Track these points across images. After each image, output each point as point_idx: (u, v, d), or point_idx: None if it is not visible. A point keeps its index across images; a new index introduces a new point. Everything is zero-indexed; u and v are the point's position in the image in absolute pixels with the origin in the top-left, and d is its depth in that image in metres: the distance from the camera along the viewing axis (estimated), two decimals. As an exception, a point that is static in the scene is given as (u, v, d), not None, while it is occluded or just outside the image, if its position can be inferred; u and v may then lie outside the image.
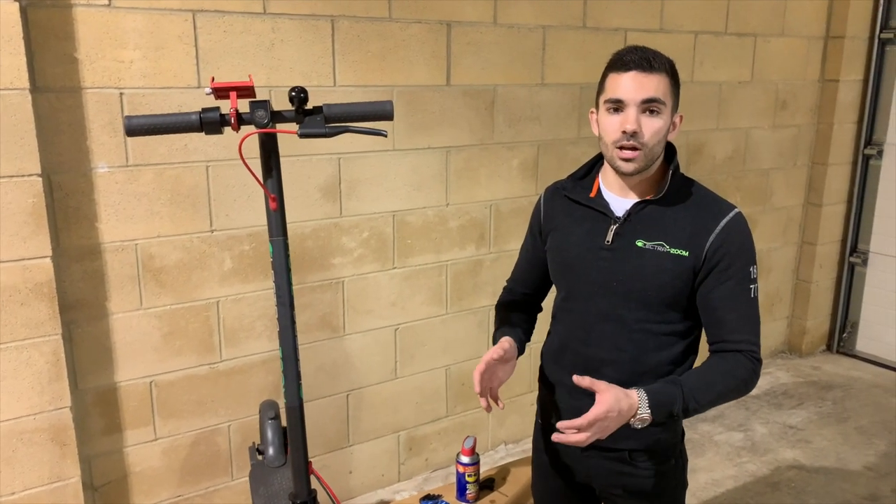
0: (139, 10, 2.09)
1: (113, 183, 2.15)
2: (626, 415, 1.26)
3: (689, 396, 1.31)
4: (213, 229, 2.32)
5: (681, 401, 1.30)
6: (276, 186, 1.31)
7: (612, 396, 1.24)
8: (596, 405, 1.24)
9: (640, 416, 1.27)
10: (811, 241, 4.14)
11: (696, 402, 1.32)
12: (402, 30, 2.54)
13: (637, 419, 1.27)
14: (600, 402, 1.24)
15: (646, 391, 1.29)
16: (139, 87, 2.13)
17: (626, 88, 1.33)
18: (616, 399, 1.24)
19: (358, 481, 2.82)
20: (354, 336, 2.68)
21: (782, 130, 3.87)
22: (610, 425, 1.25)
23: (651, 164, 1.38)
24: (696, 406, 1.32)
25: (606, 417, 1.23)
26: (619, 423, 1.27)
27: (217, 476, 2.49)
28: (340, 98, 2.47)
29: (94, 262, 2.16)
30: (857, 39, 3.88)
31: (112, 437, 2.28)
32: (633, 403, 1.26)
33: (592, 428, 1.23)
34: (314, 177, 2.47)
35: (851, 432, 3.35)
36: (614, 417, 1.24)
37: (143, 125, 1.22)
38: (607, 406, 1.23)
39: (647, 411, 1.27)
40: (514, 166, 2.93)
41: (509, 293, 1.70)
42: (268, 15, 2.29)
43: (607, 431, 1.27)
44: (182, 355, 2.34)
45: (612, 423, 1.25)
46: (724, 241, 1.37)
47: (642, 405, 1.27)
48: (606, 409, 1.23)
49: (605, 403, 1.23)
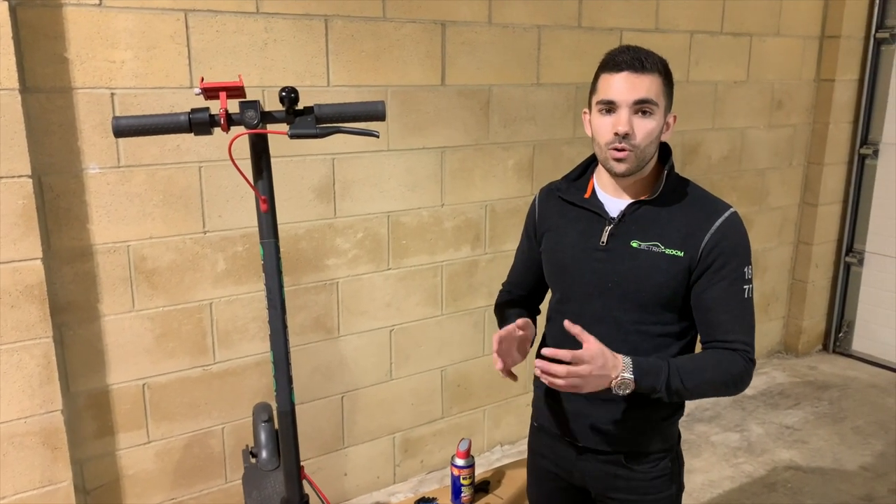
0: (130, 10, 2.07)
1: (104, 184, 2.13)
2: (610, 371, 1.26)
3: (675, 374, 1.31)
4: (205, 230, 2.31)
5: (665, 374, 1.30)
6: (266, 188, 1.29)
7: (599, 347, 1.26)
8: (584, 346, 1.25)
9: (623, 378, 1.27)
10: (807, 240, 4.13)
11: (681, 382, 1.31)
12: (397, 29, 2.52)
13: (619, 381, 1.27)
14: (589, 346, 1.25)
15: (631, 357, 1.30)
16: (131, 88, 2.11)
17: (617, 89, 1.32)
18: (601, 350, 1.26)
19: (353, 483, 2.80)
20: (349, 337, 2.66)
21: (778, 130, 3.87)
22: (592, 376, 1.25)
23: (644, 164, 1.37)
24: (682, 387, 1.31)
25: (591, 361, 1.24)
26: (600, 379, 1.26)
27: (211, 479, 2.47)
28: (334, 98, 2.45)
29: (85, 264, 2.14)
30: (852, 39, 3.88)
31: (104, 440, 2.26)
32: (616, 363, 1.28)
33: (572, 368, 1.23)
34: (308, 177, 2.46)
35: (848, 432, 3.34)
36: (599, 365, 1.25)
37: (130, 126, 1.20)
38: (594, 351, 1.25)
39: (630, 374, 1.27)
40: (510, 166, 2.92)
41: (507, 294, 1.69)
42: (261, 14, 2.27)
43: (588, 384, 1.25)
44: (175, 357, 2.33)
45: (595, 374, 1.25)
46: (719, 241, 1.36)
47: (626, 367, 1.28)
48: (592, 354, 1.24)
49: (593, 348, 1.25)
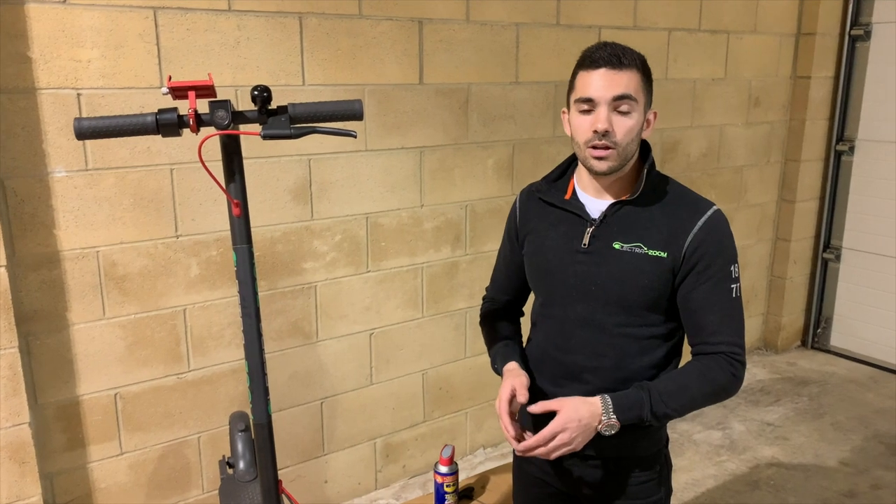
0: (97, 7, 2.00)
1: (71, 188, 2.06)
2: (591, 422, 1.25)
3: (658, 401, 1.29)
4: (178, 235, 2.24)
5: (648, 405, 1.28)
6: (239, 191, 1.24)
7: (570, 409, 1.25)
8: (552, 421, 1.25)
9: (607, 423, 1.26)
10: (785, 237, 4.15)
11: (666, 407, 1.29)
12: (373, 27, 2.48)
13: (604, 426, 1.26)
14: (557, 417, 1.25)
15: (609, 396, 1.28)
16: (98, 88, 2.04)
17: (595, 86, 1.29)
18: (573, 409, 1.25)
19: (334, 491, 2.75)
20: (328, 342, 2.61)
21: (755, 127, 3.88)
22: (575, 437, 1.25)
23: (625, 162, 1.34)
24: (668, 410, 1.30)
25: (565, 429, 1.23)
26: (586, 433, 1.26)
27: (187, 490, 2.41)
28: (310, 97, 2.40)
29: (52, 271, 2.07)
30: (827, 36, 3.90)
31: (75, 452, 2.19)
32: (594, 410, 1.26)
33: (552, 442, 1.24)
34: (283, 179, 2.40)
35: (828, 428, 3.36)
36: (576, 428, 1.24)
37: (93, 128, 1.14)
38: (564, 420, 1.24)
39: (612, 416, 1.26)
40: (489, 166, 2.89)
41: (491, 303, 1.65)
42: (233, 12, 2.21)
43: (576, 443, 1.26)
44: (148, 366, 2.26)
45: (577, 435, 1.25)
46: (703, 240, 1.33)
47: (605, 411, 1.26)
48: (563, 423, 1.24)
49: (562, 418, 1.25)
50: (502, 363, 1.47)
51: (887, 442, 3.22)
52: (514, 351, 1.52)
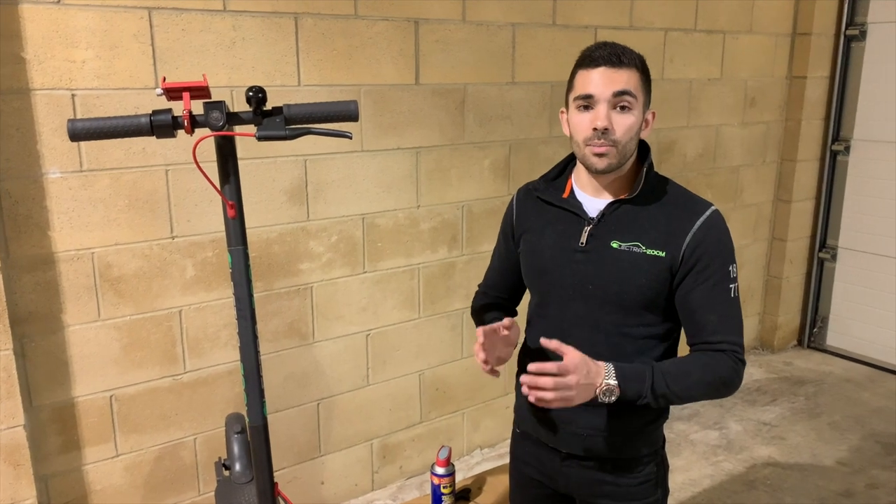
0: (91, 8, 1.99)
1: (66, 189, 2.05)
2: (594, 378, 1.25)
3: (660, 378, 1.28)
4: (173, 236, 2.23)
5: (650, 379, 1.28)
6: (234, 193, 1.24)
7: (580, 355, 1.24)
8: (566, 358, 1.23)
9: (607, 385, 1.25)
10: (781, 237, 4.16)
11: (667, 387, 1.28)
12: (369, 27, 2.47)
13: (604, 388, 1.25)
14: (570, 356, 1.23)
15: (613, 363, 1.28)
16: (92, 89, 2.03)
17: (595, 84, 1.29)
18: (583, 359, 1.24)
19: (330, 492, 2.75)
20: (324, 343, 2.60)
21: (751, 127, 3.88)
22: (579, 387, 1.23)
23: (624, 161, 1.34)
24: (668, 391, 1.28)
25: (576, 371, 1.22)
26: (586, 389, 1.24)
27: (183, 492, 2.40)
28: (305, 98, 2.39)
29: (47, 273, 2.06)
30: (823, 36, 3.91)
31: (70, 454, 2.18)
32: (599, 370, 1.26)
33: (561, 377, 1.21)
34: (279, 179, 2.40)
35: (824, 428, 3.36)
36: (584, 375, 1.23)
37: (87, 129, 1.14)
38: (575, 361, 1.23)
39: (613, 381, 1.25)
40: (486, 166, 2.88)
41: (483, 297, 1.64)
42: (228, 12, 2.21)
43: (576, 396, 1.23)
44: (143, 367, 2.25)
45: (582, 384, 1.23)
46: (702, 240, 1.33)
47: (609, 374, 1.26)
48: (574, 364, 1.23)
49: (576, 357, 1.23)
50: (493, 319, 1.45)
51: (884, 441, 3.22)
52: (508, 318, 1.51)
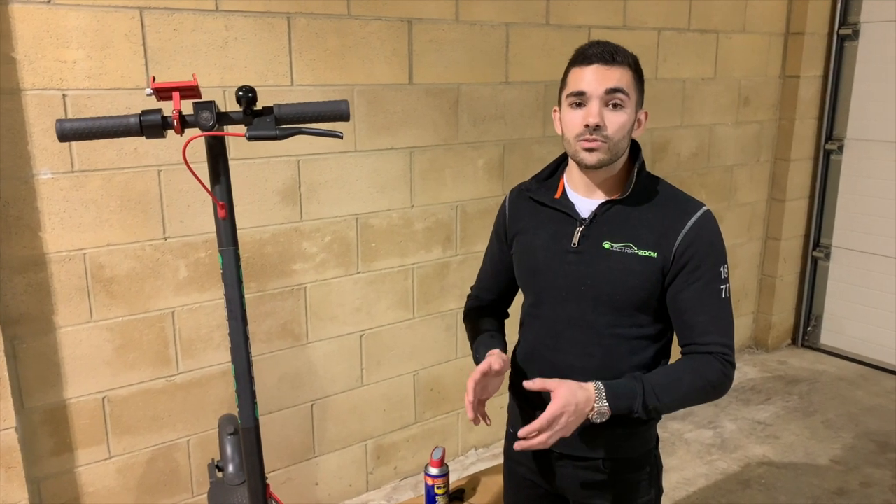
0: (82, 7, 1.98)
1: (57, 190, 2.04)
2: (584, 407, 1.24)
3: (651, 393, 1.28)
4: (166, 236, 2.23)
5: (641, 396, 1.27)
6: (224, 193, 1.23)
7: (567, 391, 1.23)
8: (551, 403, 1.22)
9: (599, 409, 1.24)
10: (775, 236, 4.17)
11: (657, 400, 1.28)
12: (362, 27, 2.47)
13: (595, 412, 1.25)
14: (556, 399, 1.22)
15: (602, 383, 1.27)
16: (84, 89, 2.02)
17: (588, 81, 1.29)
18: (571, 392, 1.23)
19: (325, 493, 2.74)
20: (318, 344, 2.60)
21: (745, 126, 3.89)
22: (570, 421, 1.22)
23: (615, 158, 1.34)
24: (658, 404, 1.28)
25: (564, 412, 1.21)
26: (579, 419, 1.24)
27: (176, 493, 2.39)
28: (298, 98, 2.38)
29: (38, 274, 2.04)
30: (816, 36, 3.92)
31: (62, 457, 2.16)
32: (589, 395, 1.24)
33: (552, 427, 1.21)
34: (272, 180, 2.39)
35: (818, 426, 3.37)
36: (572, 412, 1.22)
37: (76, 129, 1.13)
38: (563, 401, 1.22)
39: (604, 403, 1.25)
40: (480, 166, 2.88)
41: (476, 301, 1.64)
42: (220, 12, 2.20)
43: (570, 428, 1.23)
44: (136, 369, 2.24)
45: (573, 419, 1.23)
46: (693, 240, 1.33)
47: (599, 397, 1.25)
48: (563, 405, 1.21)
49: (561, 399, 1.22)
50: (485, 351, 1.45)
51: (877, 440, 3.23)
52: (499, 342, 1.50)
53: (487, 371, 1.34)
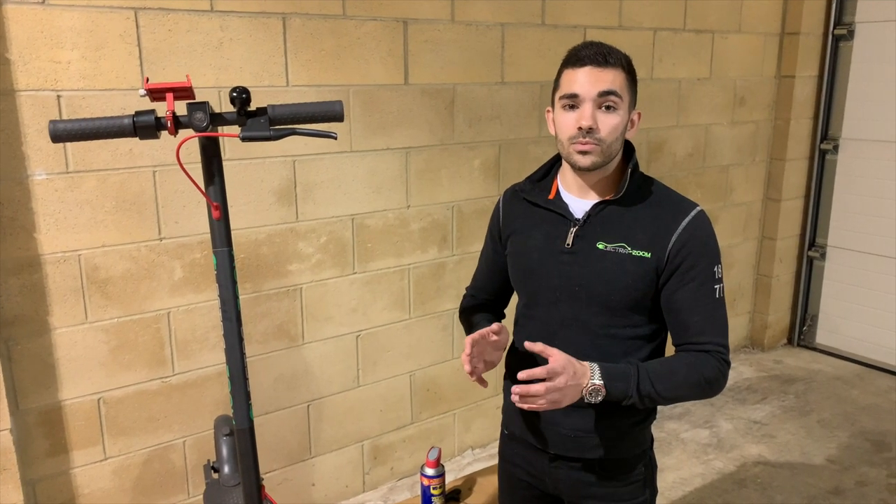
0: (76, 8, 1.98)
1: (52, 191, 2.03)
2: (581, 378, 1.25)
3: (645, 377, 1.28)
4: (161, 237, 2.22)
5: (635, 378, 1.28)
6: (218, 194, 1.23)
7: (565, 356, 1.25)
8: (552, 360, 1.23)
9: (593, 385, 1.25)
10: (771, 235, 4.17)
11: (652, 386, 1.28)
12: (357, 27, 2.46)
13: (590, 388, 1.25)
14: (555, 358, 1.23)
15: (597, 363, 1.28)
16: (78, 89, 2.02)
17: (581, 83, 1.29)
18: (569, 360, 1.25)
19: (321, 493, 2.74)
20: (314, 344, 2.60)
21: (741, 126, 3.89)
22: (567, 387, 1.23)
23: (609, 160, 1.34)
24: (653, 391, 1.29)
25: (563, 372, 1.22)
26: (573, 391, 1.25)
27: (172, 494, 2.38)
28: (294, 98, 2.38)
29: (33, 275, 2.04)
30: (811, 36, 3.93)
31: (58, 458, 2.16)
32: (584, 370, 1.26)
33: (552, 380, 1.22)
34: (268, 180, 2.39)
35: (814, 425, 3.37)
36: (571, 376, 1.23)
37: (69, 130, 1.13)
38: (564, 360, 1.23)
39: (599, 380, 1.26)
40: (476, 166, 2.88)
41: (472, 299, 1.64)
42: (215, 13, 2.19)
43: (565, 395, 1.24)
44: (132, 370, 2.24)
45: (570, 384, 1.23)
46: (687, 241, 1.33)
47: (594, 373, 1.26)
48: (561, 365, 1.23)
49: (562, 358, 1.24)
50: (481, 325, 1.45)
51: (872, 439, 3.24)
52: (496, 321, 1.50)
53: (486, 334, 1.35)
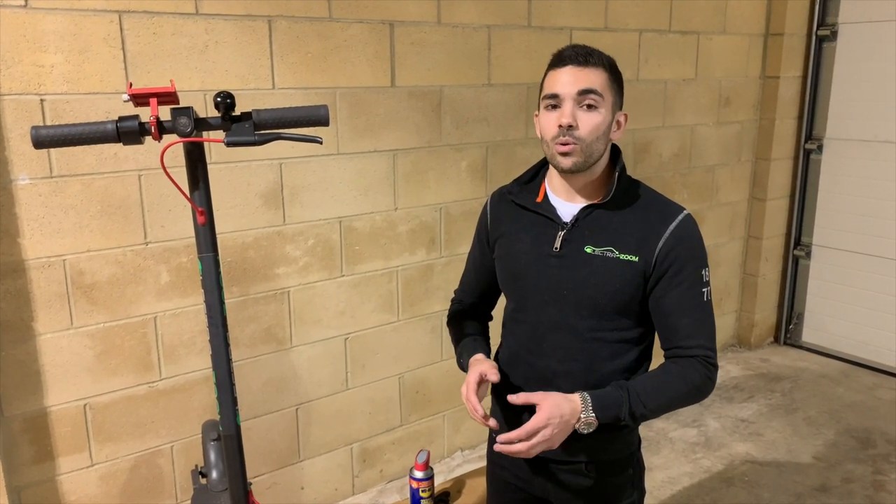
0: (59, 11, 1.96)
1: (36, 195, 2.01)
2: (570, 419, 1.24)
3: (636, 400, 1.29)
4: (147, 241, 2.21)
5: (627, 404, 1.28)
6: (203, 199, 1.22)
7: (552, 403, 1.23)
8: (535, 415, 1.22)
9: (586, 420, 1.25)
10: (757, 235, 4.21)
11: (644, 407, 1.29)
12: (343, 30, 2.46)
13: (582, 423, 1.25)
14: (540, 411, 1.23)
15: (589, 394, 1.27)
16: (62, 93, 2.00)
17: (562, 83, 1.30)
18: (556, 405, 1.23)
19: (310, 497, 2.73)
20: (302, 348, 2.59)
21: (726, 127, 3.92)
22: (556, 433, 1.23)
23: (591, 161, 1.34)
24: (645, 411, 1.30)
25: (548, 425, 1.22)
26: (565, 431, 1.25)
27: (160, 500, 2.37)
28: (280, 101, 2.37)
29: (17, 281, 2.02)
30: (795, 36, 3.96)
31: (43, 465, 2.14)
32: (575, 407, 1.25)
33: (535, 438, 1.22)
34: (254, 183, 2.38)
35: (800, 423, 3.40)
36: (558, 424, 1.23)
37: (51, 136, 1.12)
38: (547, 413, 1.22)
39: (591, 414, 1.25)
40: (463, 168, 2.88)
41: (459, 305, 1.64)
42: (200, 16, 2.18)
43: (555, 440, 1.24)
44: (118, 375, 2.22)
45: (557, 431, 1.23)
46: (674, 245, 1.34)
47: (585, 408, 1.26)
48: (547, 417, 1.22)
49: (545, 411, 1.23)
50: (468, 356, 1.45)
51: (858, 436, 3.27)
52: (482, 346, 1.51)
53: (481, 381, 1.34)
